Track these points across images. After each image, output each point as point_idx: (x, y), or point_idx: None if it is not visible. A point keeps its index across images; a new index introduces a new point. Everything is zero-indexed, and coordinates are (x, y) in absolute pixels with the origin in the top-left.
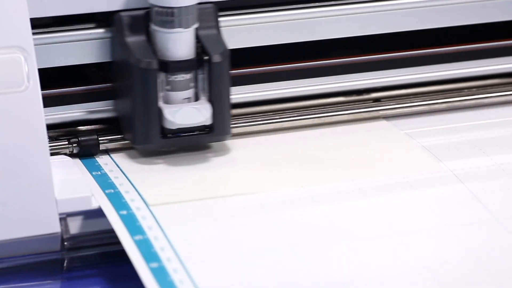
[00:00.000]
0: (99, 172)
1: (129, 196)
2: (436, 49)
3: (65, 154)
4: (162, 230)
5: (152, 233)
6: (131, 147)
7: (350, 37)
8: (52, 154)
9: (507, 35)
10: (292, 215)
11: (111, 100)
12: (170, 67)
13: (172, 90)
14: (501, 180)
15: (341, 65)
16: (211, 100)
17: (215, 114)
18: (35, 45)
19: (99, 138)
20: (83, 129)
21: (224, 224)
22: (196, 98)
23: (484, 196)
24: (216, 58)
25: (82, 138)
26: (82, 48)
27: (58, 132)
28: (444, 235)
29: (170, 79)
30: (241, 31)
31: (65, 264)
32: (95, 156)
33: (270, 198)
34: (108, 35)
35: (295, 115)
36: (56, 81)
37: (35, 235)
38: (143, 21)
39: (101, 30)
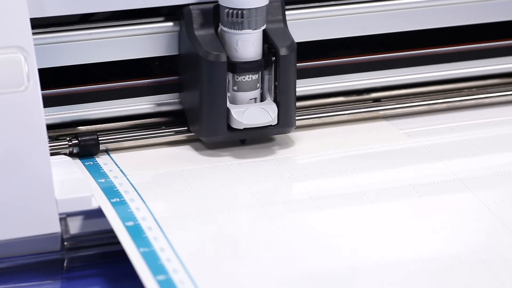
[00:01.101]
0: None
1: (129, 196)
2: (436, 49)
3: (65, 154)
4: (161, 230)
5: (149, 228)
6: (131, 147)
7: (350, 37)
8: (52, 154)
9: (507, 35)
10: (291, 214)
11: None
12: (238, 68)
13: (239, 90)
14: (500, 179)
15: (341, 65)
16: (277, 95)
17: (281, 107)
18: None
19: (99, 138)
20: (83, 129)
21: (225, 228)
22: (262, 99)
23: (484, 196)
24: (283, 51)
25: (82, 138)
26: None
27: (58, 132)
28: (444, 235)
29: (237, 79)
30: None
31: (65, 264)
32: (95, 156)
33: (270, 197)
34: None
35: (295, 115)
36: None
37: (35, 235)
38: (212, 14)
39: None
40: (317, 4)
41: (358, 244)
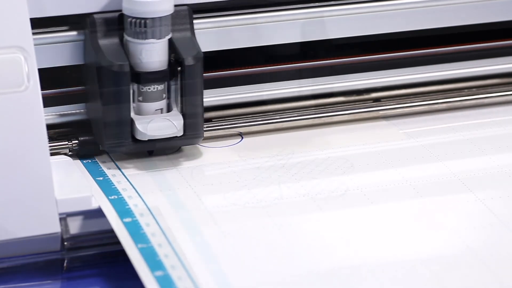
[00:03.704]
0: (102, 178)
1: (127, 194)
2: (436, 49)
3: (65, 154)
4: (160, 228)
5: (151, 233)
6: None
7: (350, 37)
8: (52, 154)
9: (507, 35)
10: (290, 213)
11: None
12: (143, 78)
13: (144, 101)
14: (500, 179)
15: (341, 65)
16: (183, 106)
17: (187, 118)
18: None
19: None
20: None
21: (226, 226)
22: (169, 109)
23: (484, 196)
24: (189, 61)
25: (82, 138)
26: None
27: (58, 132)
28: (443, 235)
29: (142, 90)
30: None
31: (65, 264)
32: (95, 156)
33: (270, 197)
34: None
35: (295, 115)
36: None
37: (35, 235)
38: (117, 23)
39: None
40: (317, 4)
41: (357, 244)
